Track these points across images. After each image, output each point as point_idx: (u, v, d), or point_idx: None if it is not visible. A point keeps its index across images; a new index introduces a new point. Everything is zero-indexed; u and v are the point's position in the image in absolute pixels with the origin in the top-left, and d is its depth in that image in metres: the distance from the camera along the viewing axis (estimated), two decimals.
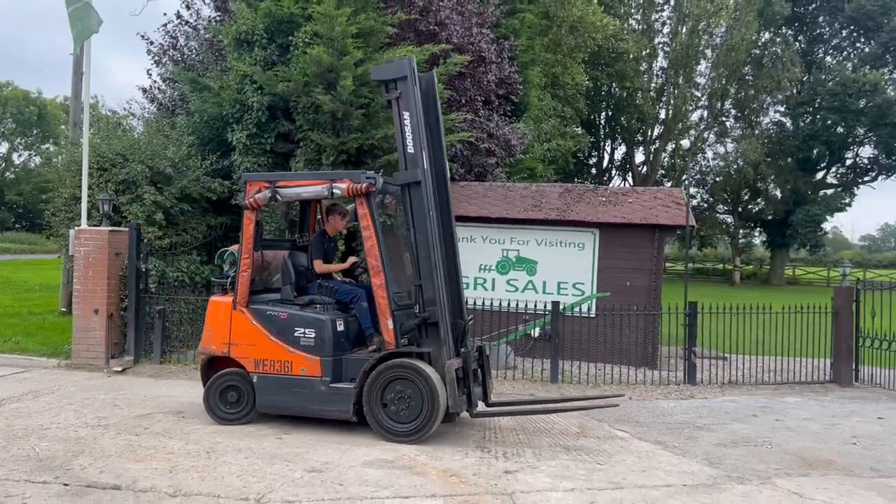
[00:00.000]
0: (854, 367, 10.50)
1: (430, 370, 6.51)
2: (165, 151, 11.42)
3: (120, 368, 9.78)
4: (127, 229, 10.24)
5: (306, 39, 11.20)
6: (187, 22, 15.38)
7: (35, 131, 61.77)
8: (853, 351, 10.47)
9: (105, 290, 9.97)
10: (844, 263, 11.54)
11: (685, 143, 40.02)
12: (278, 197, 7.07)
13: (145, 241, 10.46)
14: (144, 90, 15.43)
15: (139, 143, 11.32)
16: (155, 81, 15.51)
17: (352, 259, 8.08)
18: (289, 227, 10.85)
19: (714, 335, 10.58)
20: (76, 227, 10.22)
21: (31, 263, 31.92)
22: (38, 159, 61.88)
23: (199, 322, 11.02)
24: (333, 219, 7.82)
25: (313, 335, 6.90)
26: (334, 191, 6.91)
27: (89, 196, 10.44)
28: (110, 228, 10.03)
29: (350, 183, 6.80)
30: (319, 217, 8.16)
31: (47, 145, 61.62)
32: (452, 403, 6.52)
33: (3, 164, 62.29)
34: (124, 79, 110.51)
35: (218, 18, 14.83)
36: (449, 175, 7.26)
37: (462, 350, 6.83)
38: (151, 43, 15.30)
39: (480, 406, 7.06)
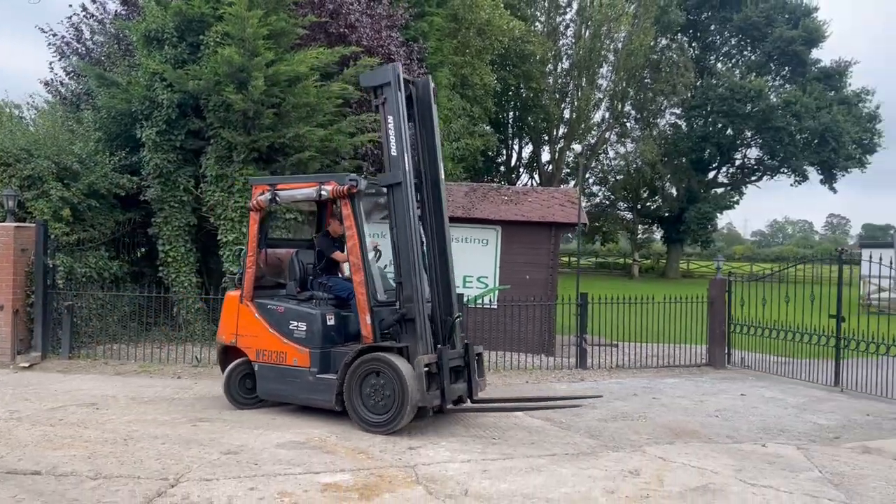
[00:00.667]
0: (726, 351, 11.65)
1: (402, 364, 6.71)
2: (72, 147, 11.37)
3: (27, 364, 9.77)
4: (33, 225, 10.20)
5: (217, 39, 11.38)
6: (92, 15, 15.14)
7: None
8: (726, 336, 11.62)
9: (10, 287, 9.91)
10: (718, 258, 12.69)
11: (577, 147, 41.61)
12: (277, 199, 7.57)
13: (52, 236, 10.43)
14: (47, 83, 15.14)
15: (45, 139, 11.22)
16: (57, 74, 15.24)
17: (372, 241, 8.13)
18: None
19: (607, 324, 11.49)
20: None
21: None
22: None
23: (108, 317, 11.16)
24: (334, 222, 8.08)
25: (304, 328, 7.33)
26: (322, 192, 7.29)
27: None
28: (16, 224, 9.97)
29: (335, 185, 7.18)
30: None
31: None
32: (419, 398, 6.66)
33: None
34: (17, 68, 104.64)
35: (124, 13, 14.70)
36: (443, 177, 7.42)
37: (438, 346, 7.03)
38: (53, 35, 15.00)
39: (468, 403, 7.41)
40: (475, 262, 12.48)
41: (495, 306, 11.94)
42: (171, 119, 11.52)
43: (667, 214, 44.13)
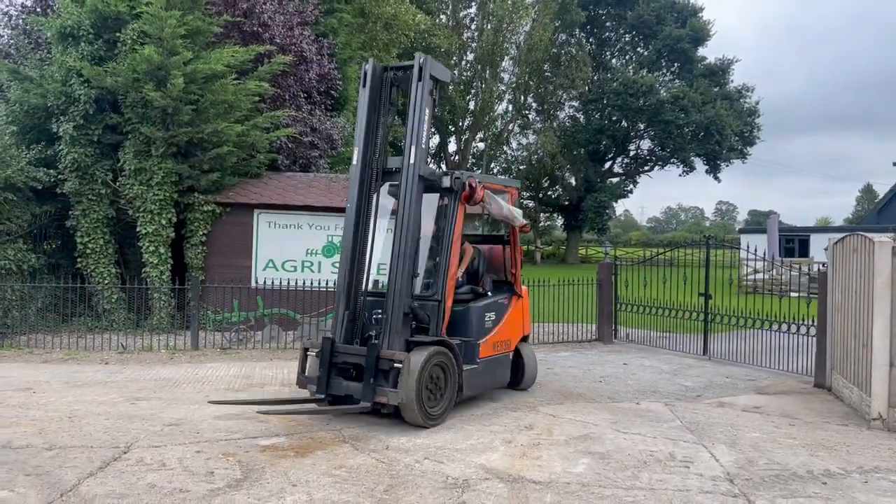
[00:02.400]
0: (613, 327, 13.01)
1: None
2: None
3: None
4: None
5: (134, 37, 11.73)
6: None
7: None
8: (613, 315, 12.98)
9: None
10: (606, 244, 14.01)
11: (481, 145, 42.96)
12: None
13: None
14: None
15: None
16: None
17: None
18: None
19: None
20: None
21: None
22: None
23: (28, 308, 11.38)
24: None
25: None
26: None
27: None
28: None
29: None
30: None
31: None
32: (298, 379, 7.34)
33: None
34: None
35: (31, 6, 14.63)
36: (411, 161, 7.07)
37: (327, 337, 7.13)
38: None
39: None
40: (386, 250, 13.28)
41: None
42: (88, 114, 11.78)
43: (566, 203, 46.29)
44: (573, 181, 46.40)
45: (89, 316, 12.35)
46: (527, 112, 45.09)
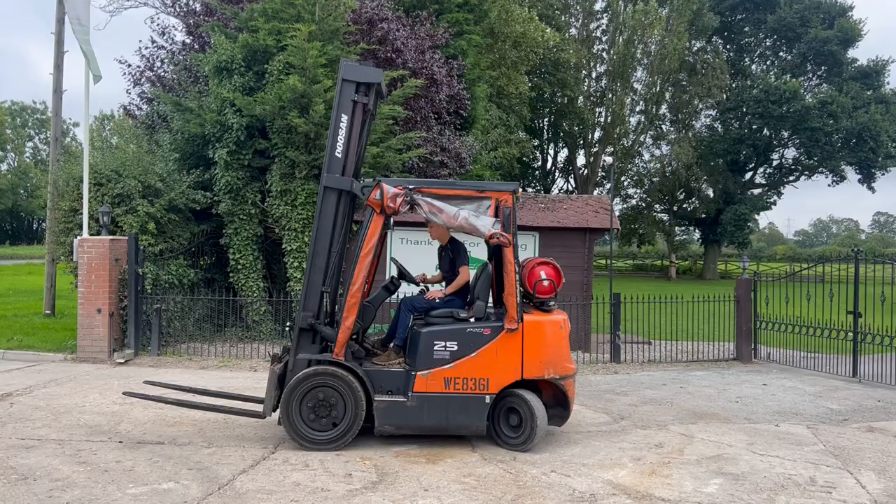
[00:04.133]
0: (753, 346, 12.47)
1: None
2: (154, 167, 12.72)
3: (122, 360, 11.08)
4: (125, 238, 11.54)
5: (280, 68, 12.64)
6: (162, 46, 16.60)
7: None
8: (752, 333, 12.44)
9: (106, 292, 11.24)
10: (744, 258, 13.34)
11: (609, 159, 42.17)
12: None
13: (141, 248, 11.75)
14: (126, 108, 16.70)
15: (131, 161, 12.61)
16: (132, 100, 16.75)
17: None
18: None
19: (641, 323, 12.41)
20: (79, 237, 11.48)
21: None
22: None
23: (187, 319, 12.44)
24: None
25: None
26: None
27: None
28: (111, 237, 11.31)
29: None
30: None
31: None
32: None
33: None
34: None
35: (189, 42, 16.08)
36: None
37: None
38: (129, 65, 16.51)
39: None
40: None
41: None
42: (240, 140, 12.78)
43: (703, 216, 44.54)
44: (710, 193, 44.60)
45: (240, 326, 13.33)
46: (660, 123, 43.91)
